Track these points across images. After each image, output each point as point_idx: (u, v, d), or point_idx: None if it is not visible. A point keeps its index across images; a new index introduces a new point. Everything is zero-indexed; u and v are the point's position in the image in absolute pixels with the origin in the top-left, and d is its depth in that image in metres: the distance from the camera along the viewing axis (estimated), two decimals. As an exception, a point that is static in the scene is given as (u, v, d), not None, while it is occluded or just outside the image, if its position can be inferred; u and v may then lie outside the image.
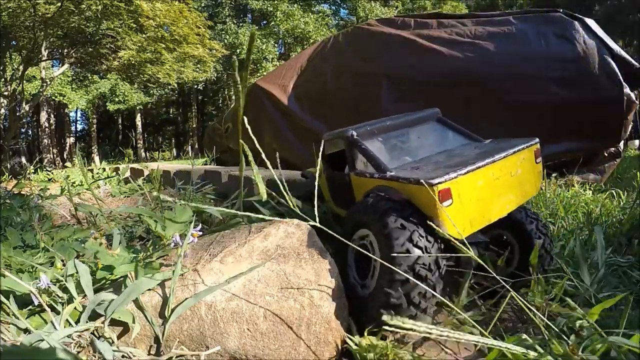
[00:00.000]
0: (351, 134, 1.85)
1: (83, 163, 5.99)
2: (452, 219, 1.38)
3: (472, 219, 1.45)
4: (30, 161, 17.94)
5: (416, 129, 2.01)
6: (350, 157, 1.86)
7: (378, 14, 21.05)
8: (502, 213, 1.56)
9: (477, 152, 1.67)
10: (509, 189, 1.58)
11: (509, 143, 1.69)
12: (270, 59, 20.17)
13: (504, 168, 1.55)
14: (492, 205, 1.52)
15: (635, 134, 7.82)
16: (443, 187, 1.36)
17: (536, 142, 1.71)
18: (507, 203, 1.57)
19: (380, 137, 1.90)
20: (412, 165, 1.67)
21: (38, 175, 7.03)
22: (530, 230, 1.72)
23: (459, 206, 1.40)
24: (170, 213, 1.66)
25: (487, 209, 1.50)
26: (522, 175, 1.62)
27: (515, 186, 1.60)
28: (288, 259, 1.46)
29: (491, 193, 1.51)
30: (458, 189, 1.40)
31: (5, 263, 1.49)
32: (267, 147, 6.77)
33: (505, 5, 24.00)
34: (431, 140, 1.97)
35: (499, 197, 1.54)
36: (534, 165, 1.70)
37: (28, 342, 1.09)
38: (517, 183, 1.61)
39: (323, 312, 1.41)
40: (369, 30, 5.38)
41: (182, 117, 30.45)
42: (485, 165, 1.48)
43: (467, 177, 1.42)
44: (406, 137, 1.97)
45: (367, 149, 1.77)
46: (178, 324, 1.29)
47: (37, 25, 9.60)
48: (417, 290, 1.34)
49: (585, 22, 4.06)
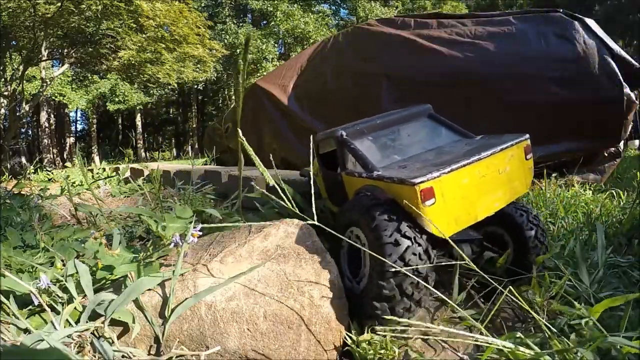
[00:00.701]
0: (340, 133, 1.86)
1: (83, 163, 5.98)
2: (436, 217, 1.38)
3: (457, 218, 1.45)
4: (30, 161, 17.94)
5: (407, 127, 2.00)
6: (341, 156, 1.87)
7: (378, 14, 21.05)
8: (489, 211, 1.55)
9: (466, 149, 1.66)
10: (497, 187, 1.57)
11: (499, 139, 1.67)
12: (270, 59, 20.16)
13: (491, 165, 1.54)
14: (479, 203, 1.51)
15: (635, 134, 7.81)
16: (425, 186, 1.36)
17: (526, 138, 1.69)
18: (496, 201, 1.56)
19: (370, 135, 1.91)
20: (400, 164, 1.67)
21: (38, 175, 7.03)
22: (521, 223, 1.71)
23: (442, 205, 1.40)
24: (170, 213, 1.66)
25: (473, 207, 1.50)
26: (511, 172, 1.61)
27: (504, 183, 1.59)
28: (288, 258, 1.46)
29: (477, 191, 1.50)
30: (441, 188, 1.39)
31: (5, 263, 1.49)
32: (267, 147, 6.78)
33: (505, 5, 24.00)
34: (421, 138, 1.97)
35: (486, 194, 1.53)
36: (524, 162, 1.68)
37: (28, 342, 1.09)
38: (506, 180, 1.60)
39: (323, 312, 1.41)
40: (369, 30, 5.38)
41: (182, 117, 30.46)
42: (471, 163, 1.47)
43: (451, 175, 1.42)
44: (396, 135, 1.97)
45: (356, 149, 1.77)
46: (178, 324, 1.29)
47: (37, 25, 9.60)
48: (409, 281, 1.34)
49: (585, 22, 4.06)
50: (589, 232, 2.35)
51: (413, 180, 1.36)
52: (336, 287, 1.47)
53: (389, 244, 1.36)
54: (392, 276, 1.34)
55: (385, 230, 1.38)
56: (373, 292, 1.39)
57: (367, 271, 1.46)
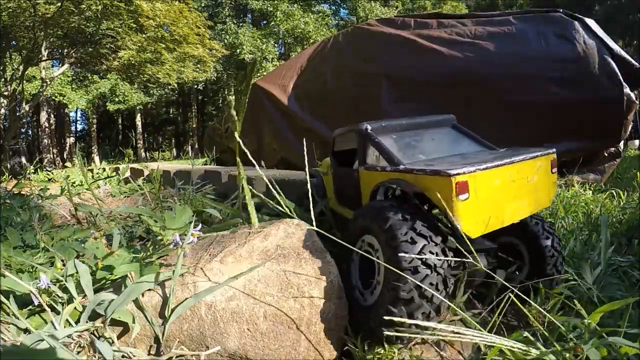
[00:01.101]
0: (365, 127, 1.85)
1: (83, 163, 5.98)
2: (466, 215, 1.32)
3: (486, 219, 1.39)
4: (30, 161, 17.93)
5: (430, 132, 1.99)
6: (362, 151, 1.85)
7: (378, 14, 21.02)
8: (515, 218, 1.50)
9: (494, 155, 1.62)
10: (525, 195, 1.53)
11: (527, 150, 1.65)
12: (270, 59, 20.15)
13: (521, 171, 1.50)
14: (507, 208, 1.46)
15: (635, 134, 7.81)
16: (461, 179, 1.30)
17: (553, 151, 1.67)
18: (521, 209, 1.52)
19: (394, 134, 1.89)
20: (426, 162, 1.63)
21: (38, 175, 7.04)
22: (537, 232, 1.67)
23: (474, 202, 1.34)
24: (170, 213, 1.66)
25: (502, 211, 1.44)
26: (538, 182, 1.58)
27: (531, 192, 1.56)
28: (288, 259, 1.46)
29: (507, 195, 1.46)
30: (475, 184, 1.34)
31: (5, 263, 1.49)
32: (267, 147, 6.77)
33: (505, 5, 23.96)
34: (446, 144, 1.95)
35: (514, 200, 1.49)
36: (550, 175, 1.65)
37: (28, 342, 1.09)
38: (533, 190, 1.56)
39: (323, 312, 1.41)
40: (369, 30, 5.38)
41: (182, 117, 30.45)
42: (503, 165, 1.43)
43: (485, 173, 1.37)
44: (420, 138, 1.95)
45: (381, 143, 1.76)
46: (178, 324, 1.29)
47: (37, 25, 9.60)
48: (428, 281, 1.26)
49: (585, 22, 4.07)
50: (589, 232, 2.35)
51: (449, 171, 1.31)
52: (336, 287, 1.47)
53: (405, 242, 1.29)
54: (410, 275, 1.25)
55: (399, 229, 1.32)
56: (389, 297, 1.30)
57: (381, 278, 1.38)
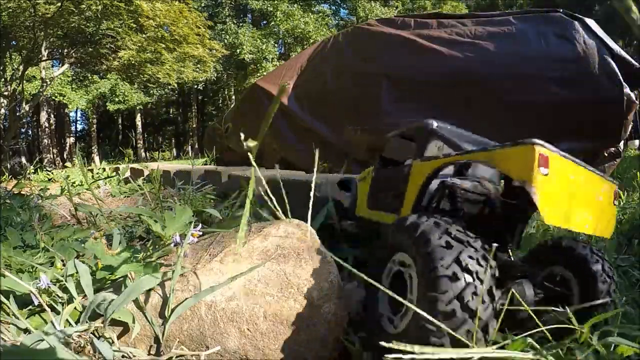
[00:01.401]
0: (432, 122, 1.93)
1: (83, 163, 5.99)
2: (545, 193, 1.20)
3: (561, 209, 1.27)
4: (30, 161, 17.92)
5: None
6: (422, 145, 1.90)
7: (378, 14, 21.03)
8: (581, 227, 1.38)
9: None
10: (592, 209, 1.44)
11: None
12: (270, 59, 20.17)
13: (590, 182, 1.43)
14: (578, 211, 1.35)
15: (635, 134, 7.80)
16: (543, 151, 1.22)
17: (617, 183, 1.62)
18: (587, 222, 1.40)
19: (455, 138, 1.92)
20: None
21: (38, 175, 7.04)
22: (585, 256, 1.56)
23: (553, 182, 1.23)
24: (170, 213, 1.66)
25: (573, 212, 1.32)
26: (603, 205, 1.49)
27: (597, 210, 1.46)
28: (288, 259, 1.46)
29: (578, 197, 1.36)
30: (554, 165, 1.24)
31: (5, 263, 1.49)
32: (267, 147, 6.77)
33: (505, 5, 23.96)
34: None
35: (584, 207, 1.39)
36: (612, 205, 1.57)
37: (28, 342, 1.09)
38: (599, 209, 1.47)
39: (323, 312, 1.41)
40: (369, 30, 5.38)
41: (182, 117, 30.45)
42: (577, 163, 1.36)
43: (563, 160, 1.29)
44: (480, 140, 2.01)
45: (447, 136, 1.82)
46: (178, 324, 1.29)
47: (37, 25, 9.60)
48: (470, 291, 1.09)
49: (585, 22, 4.07)
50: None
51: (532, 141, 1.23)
52: (336, 287, 1.47)
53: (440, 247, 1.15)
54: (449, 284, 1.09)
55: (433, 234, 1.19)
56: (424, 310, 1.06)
57: (414, 297, 1.23)
